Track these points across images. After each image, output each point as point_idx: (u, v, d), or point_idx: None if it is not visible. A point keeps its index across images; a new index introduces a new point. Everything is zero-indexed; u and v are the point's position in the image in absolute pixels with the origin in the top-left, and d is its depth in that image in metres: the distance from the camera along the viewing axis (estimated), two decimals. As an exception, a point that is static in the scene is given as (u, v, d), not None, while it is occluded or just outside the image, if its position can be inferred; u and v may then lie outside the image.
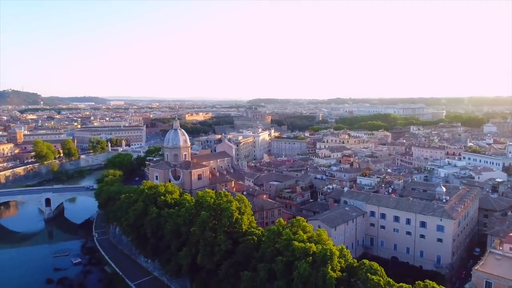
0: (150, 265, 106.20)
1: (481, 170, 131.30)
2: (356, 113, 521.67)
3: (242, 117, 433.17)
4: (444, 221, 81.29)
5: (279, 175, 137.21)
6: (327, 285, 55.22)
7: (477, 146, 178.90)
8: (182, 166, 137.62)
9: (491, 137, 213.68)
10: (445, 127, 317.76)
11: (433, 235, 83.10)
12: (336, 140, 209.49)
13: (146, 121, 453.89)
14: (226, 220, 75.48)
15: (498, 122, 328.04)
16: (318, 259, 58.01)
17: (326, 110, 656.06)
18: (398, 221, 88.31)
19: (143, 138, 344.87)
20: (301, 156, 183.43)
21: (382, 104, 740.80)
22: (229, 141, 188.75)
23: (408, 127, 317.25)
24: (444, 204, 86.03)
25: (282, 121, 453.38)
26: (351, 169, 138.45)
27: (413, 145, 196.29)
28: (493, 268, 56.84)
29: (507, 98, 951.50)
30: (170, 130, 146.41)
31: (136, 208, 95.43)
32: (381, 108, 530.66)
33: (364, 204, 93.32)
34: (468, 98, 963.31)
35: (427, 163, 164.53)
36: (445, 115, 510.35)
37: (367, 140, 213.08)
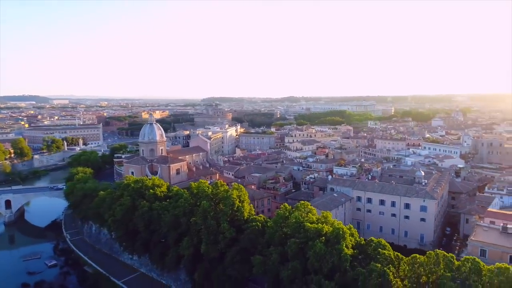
0: (136, 261, 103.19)
1: (443, 158, 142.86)
2: (313, 110, 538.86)
3: (203, 114, 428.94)
4: (426, 201, 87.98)
5: (258, 168, 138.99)
6: (342, 262, 58.02)
7: (433, 137, 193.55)
8: (159, 161, 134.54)
9: (442, 130, 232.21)
10: (398, 122, 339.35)
11: (417, 216, 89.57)
12: (304, 134, 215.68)
13: (100, 120, 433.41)
14: (228, 208, 75.79)
15: (443, 117, 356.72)
16: (331, 238, 60.59)
17: (282, 108, 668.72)
18: (383, 205, 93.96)
19: (101, 136, 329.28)
20: (273, 149, 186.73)
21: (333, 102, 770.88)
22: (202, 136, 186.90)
23: (365, 122, 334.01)
24: (424, 187, 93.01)
25: (242, 118, 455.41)
26: (326, 159, 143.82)
27: (375, 138, 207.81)
28: (484, 237, 63.18)
29: (445, 96, 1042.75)
30: (146, 125, 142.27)
31: (124, 203, 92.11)
32: (336, 105, 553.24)
33: (351, 190, 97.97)
34: (411, 96, 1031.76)
35: (389, 154, 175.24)
36: (393, 111, 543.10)
37: (332, 134, 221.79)
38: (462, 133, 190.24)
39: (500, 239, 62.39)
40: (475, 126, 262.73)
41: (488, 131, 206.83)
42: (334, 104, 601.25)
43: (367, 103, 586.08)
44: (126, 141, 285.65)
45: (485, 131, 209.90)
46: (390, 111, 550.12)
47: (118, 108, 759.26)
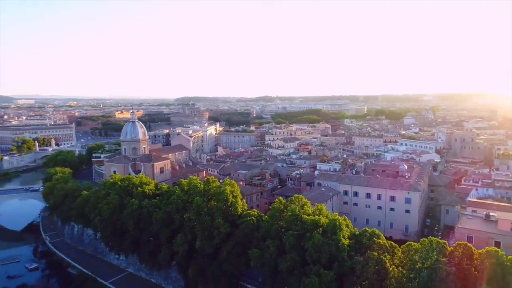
0: (123, 261, 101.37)
1: (420, 153, 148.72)
2: (289, 109, 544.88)
3: (179, 113, 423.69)
4: (411, 193, 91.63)
5: (243, 165, 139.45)
6: (340, 251, 59.71)
7: (408, 134, 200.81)
8: (142, 160, 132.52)
9: (415, 127, 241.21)
10: (372, 120, 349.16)
11: (402, 207, 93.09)
12: (284, 132, 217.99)
13: (72, 120, 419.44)
14: (221, 204, 75.94)
15: (414, 115, 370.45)
16: (328, 230, 62.13)
17: (257, 107, 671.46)
18: (369, 198, 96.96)
19: (74, 136, 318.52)
20: (255, 147, 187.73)
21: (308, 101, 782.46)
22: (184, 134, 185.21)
23: (341, 120, 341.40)
24: (408, 180, 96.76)
25: (218, 118, 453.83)
26: (309, 156, 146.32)
27: (354, 135, 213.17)
28: (470, 225, 66.78)
29: (413, 96, 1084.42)
30: (128, 123, 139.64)
31: (111, 201, 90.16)
32: (311, 105, 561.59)
33: (338, 184, 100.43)
34: (381, 96, 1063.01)
35: (367, 150, 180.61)
36: (366, 110, 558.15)
37: (312, 132, 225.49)
38: (436, 130, 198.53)
39: (484, 226, 66.13)
40: (445, 123, 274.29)
41: (459, 127, 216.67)
42: (309, 103, 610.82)
43: (341, 102, 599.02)
44: (100, 141, 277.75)
45: (456, 127, 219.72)
46: (363, 110, 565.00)
47: (89, 108, 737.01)
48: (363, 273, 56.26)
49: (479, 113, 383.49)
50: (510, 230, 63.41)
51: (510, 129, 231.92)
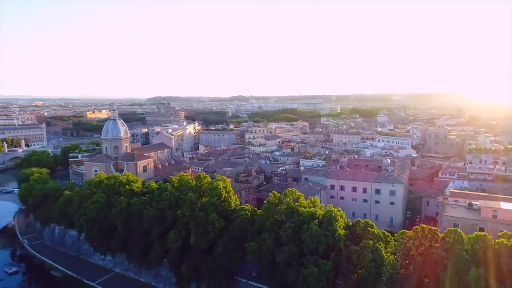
0: (109, 262, 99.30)
1: (398, 149, 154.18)
2: (264, 109, 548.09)
3: (154, 113, 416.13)
4: (395, 186, 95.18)
5: (226, 162, 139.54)
6: (336, 241, 61.55)
7: (384, 131, 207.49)
8: (125, 158, 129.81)
9: (390, 124, 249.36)
10: (347, 118, 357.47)
11: (387, 200, 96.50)
12: (264, 130, 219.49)
13: (41, 120, 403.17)
14: (215, 199, 76.08)
15: (386, 113, 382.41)
16: (324, 221, 63.74)
17: (233, 107, 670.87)
18: (355, 191, 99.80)
19: (44, 137, 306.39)
20: (237, 145, 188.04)
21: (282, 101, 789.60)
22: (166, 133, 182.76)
23: (317, 119, 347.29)
24: (392, 173, 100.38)
25: (194, 117, 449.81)
26: (292, 153, 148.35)
27: (332, 133, 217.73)
28: (455, 213, 70.41)
29: (383, 95, 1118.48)
30: (109, 121, 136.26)
31: (98, 200, 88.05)
32: (287, 104, 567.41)
33: (325, 179, 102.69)
34: (353, 95, 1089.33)
35: (345, 147, 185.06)
36: (340, 109, 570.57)
37: (291, 130, 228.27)
38: (410, 127, 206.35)
39: (468, 214, 69.96)
40: (417, 121, 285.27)
41: (431, 125, 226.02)
42: (284, 102, 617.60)
43: (316, 102, 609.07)
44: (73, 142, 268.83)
45: (428, 125, 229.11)
46: (337, 109, 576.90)
47: (57, 108, 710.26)
48: (360, 261, 58.24)
49: (446, 112, 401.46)
50: (492, 217, 67.39)
51: (477, 126, 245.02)
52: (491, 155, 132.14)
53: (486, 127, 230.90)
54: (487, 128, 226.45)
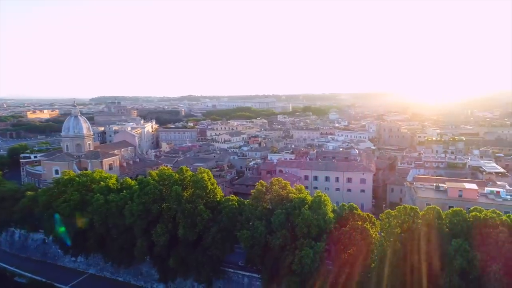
0: (82, 263, 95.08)
1: (357, 142, 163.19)
2: (218, 108, 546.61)
3: (104, 112, 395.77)
4: (365, 174, 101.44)
5: (196, 158, 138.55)
6: (327, 224, 64.88)
7: (342, 126, 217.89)
8: (89, 157, 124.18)
9: (344, 121, 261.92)
10: (301, 115, 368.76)
11: (357, 187, 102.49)
12: (225, 128, 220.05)
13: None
14: (201, 191, 76.15)
15: (337, 111, 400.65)
16: (314, 205, 66.78)
17: (185, 106, 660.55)
18: (328, 181, 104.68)
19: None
20: (201, 142, 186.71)
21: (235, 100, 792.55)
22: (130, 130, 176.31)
23: (272, 117, 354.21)
24: (361, 162, 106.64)
25: (146, 116, 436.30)
26: (260, 148, 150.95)
27: (292, 129, 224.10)
28: (426, 194, 77.18)
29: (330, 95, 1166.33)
30: (70, 118, 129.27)
31: (72, 198, 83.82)
32: (240, 103, 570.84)
33: (299, 170, 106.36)
34: (302, 95, 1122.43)
35: (306, 142, 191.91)
36: (291, 108, 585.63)
37: (252, 127, 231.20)
38: (365, 122, 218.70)
39: (437, 195, 77.06)
40: (367, 117, 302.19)
41: (381, 120, 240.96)
42: (237, 101, 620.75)
43: (269, 101, 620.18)
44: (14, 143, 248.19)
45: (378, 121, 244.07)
46: (288, 108, 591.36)
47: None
48: (350, 241, 62.02)
49: (391, 109, 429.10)
50: (458, 196, 74.93)
51: (421, 121, 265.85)
52: (442, 145, 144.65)
53: (429, 122, 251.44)
54: (430, 122, 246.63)
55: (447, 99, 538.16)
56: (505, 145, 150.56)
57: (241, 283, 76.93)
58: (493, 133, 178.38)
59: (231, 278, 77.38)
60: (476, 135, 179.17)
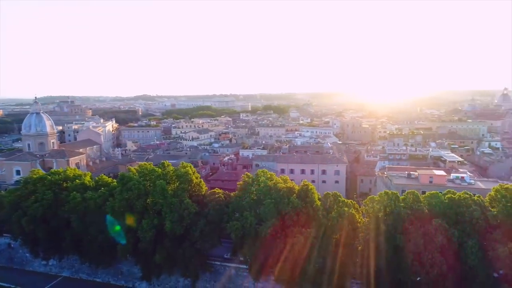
0: (54, 267, 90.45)
1: (323, 137, 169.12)
2: (178, 107, 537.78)
3: (56, 112, 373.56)
4: (339, 166, 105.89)
5: (167, 156, 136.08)
6: (315, 211, 67.37)
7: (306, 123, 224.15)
8: (53, 155, 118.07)
9: (307, 118, 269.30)
10: (263, 114, 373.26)
11: (332, 179, 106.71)
12: (191, 126, 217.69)
13: None
14: (186, 185, 75.74)
15: (297, 109, 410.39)
16: (302, 194, 69.07)
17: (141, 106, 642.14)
18: (304, 173, 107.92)
19: None
20: (169, 140, 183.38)
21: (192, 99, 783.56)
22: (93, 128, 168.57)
23: (234, 115, 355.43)
24: (334, 155, 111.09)
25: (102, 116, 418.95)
26: (231, 144, 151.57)
27: (258, 126, 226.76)
28: (401, 181, 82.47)
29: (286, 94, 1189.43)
30: (31, 115, 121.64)
31: (44, 198, 79.59)
32: (200, 102, 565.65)
33: (275, 164, 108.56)
34: (259, 94, 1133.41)
35: (272, 139, 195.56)
36: (251, 107, 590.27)
37: (218, 125, 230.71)
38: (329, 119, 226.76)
39: (410, 182, 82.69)
40: (327, 115, 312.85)
41: (343, 117, 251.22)
42: (197, 100, 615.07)
43: (228, 100, 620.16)
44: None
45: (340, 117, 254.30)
46: (247, 107, 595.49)
47: None
48: (338, 226, 64.99)
49: (347, 107, 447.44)
50: (429, 182, 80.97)
51: (377, 117, 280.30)
52: (402, 138, 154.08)
53: (384, 119, 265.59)
54: (386, 119, 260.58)
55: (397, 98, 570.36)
56: (456, 138, 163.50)
57: (228, 275, 77.37)
58: (444, 128, 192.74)
59: (218, 271, 77.57)
60: (430, 129, 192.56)
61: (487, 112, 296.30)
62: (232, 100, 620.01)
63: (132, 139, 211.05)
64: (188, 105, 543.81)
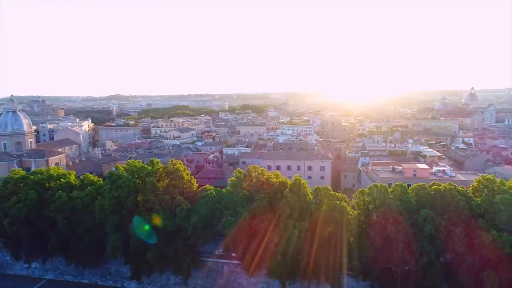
0: (37, 269, 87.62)
1: (305, 135, 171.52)
2: (154, 106, 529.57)
3: (26, 111, 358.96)
4: (324, 162, 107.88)
5: (150, 155, 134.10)
6: (308, 205, 68.68)
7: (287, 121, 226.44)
8: (31, 155, 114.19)
9: (286, 117, 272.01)
10: (242, 113, 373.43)
11: (318, 175, 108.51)
12: (171, 125, 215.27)
13: None
14: (178, 182, 75.31)
15: (275, 108, 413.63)
16: (294, 188, 70.17)
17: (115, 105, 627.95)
18: (290, 170, 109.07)
19: None
20: (150, 140, 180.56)
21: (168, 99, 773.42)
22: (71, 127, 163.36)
23: (214, 114, 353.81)
24: (319, 152, 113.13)
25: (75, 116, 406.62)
26: (214, 142, 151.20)
27: (238, 125, 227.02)
28: (386, 175, 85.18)
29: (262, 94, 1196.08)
30: (6, 113, 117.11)
31: (28, 197, 76.96)
32: (177, 101, 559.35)
33: (261, 160, 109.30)
34: (235, 94, 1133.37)
35: (253, 138, 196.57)
36: (228, 106, 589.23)
37: (198, 123, 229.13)
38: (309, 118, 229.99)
39: (395, 175, 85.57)
40: (305, 114, 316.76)
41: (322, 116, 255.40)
42: (174, 100, 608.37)
43: (205, 99, 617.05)
44: None
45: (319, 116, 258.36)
46: (224, 106, 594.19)
47: None
48: (331, 218, 66.54)
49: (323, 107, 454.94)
50: (413, 176, 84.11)
51: (354, 116, 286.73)
52: (381, 135, 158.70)
53: (361, 117, 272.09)
54: (363, 117, 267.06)
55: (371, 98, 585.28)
56: (431, 135, 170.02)
57: (221, 271, 77.45)
58: (419, 125, 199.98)
59: (210, 267, 77.48)
60: (406, 126, 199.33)
61: (457, 110, 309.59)
62: (209, 100, 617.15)
63: (111, 138, 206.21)
64: (164, 104, 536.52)
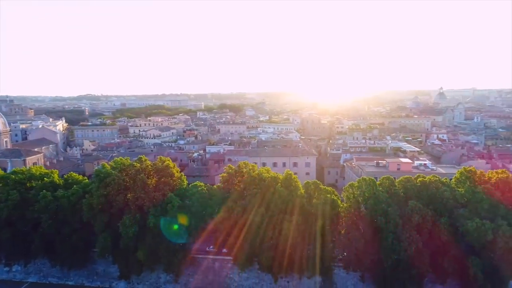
0: (18, 273, 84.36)
1: (286, 133, 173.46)
2: (129, 106, 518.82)
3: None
4: (309, 158, 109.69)
5: (132, 153, 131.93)
6: (299, 198, 69.85)
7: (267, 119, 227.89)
8: (7, 155, 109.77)
9: (265, 116, 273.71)
10: (219, 112, 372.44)
11: (303, 171, 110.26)
12: (149, 124, 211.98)
13: None
14: (168, 178, 74.64)
15: (252, 108, 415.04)
16: (286, 183, 71.14)
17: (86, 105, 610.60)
18: (276, 166, 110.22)
19: None
20: (129, 139, 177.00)
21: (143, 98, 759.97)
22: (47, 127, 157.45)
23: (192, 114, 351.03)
24: (303, 148, 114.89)
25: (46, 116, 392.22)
26: (197, 141, 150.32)
27: (219, 124, 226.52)
28: (373, 169, 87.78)
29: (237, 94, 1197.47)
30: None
31: (10, 198, 74.15)
32: (152, 101, 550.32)
33: (248, 158, 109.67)
34: (210, 94, 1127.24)
35: (233, 136, 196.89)
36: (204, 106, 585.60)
37: (178, 122, 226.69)
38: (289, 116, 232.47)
39: (379, 169, 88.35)
40: (282, 113, 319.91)
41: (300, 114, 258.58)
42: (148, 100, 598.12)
43: (181, 99, 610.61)
44: None
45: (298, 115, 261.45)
46: (200, 106, 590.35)
47: None
48: (322, 212, 68.00)
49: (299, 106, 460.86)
50: (396, 170, 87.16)
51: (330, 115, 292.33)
52: (360, 133, 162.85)
53: (338, 116, 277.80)
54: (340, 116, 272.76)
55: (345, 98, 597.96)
56: (407, 132, 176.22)
57: (212, 267, 77.36)
58: (395, 123, 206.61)
59: (201, 264, 77.21)
60: (383, 124, 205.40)
61: (428, 109, 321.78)
62: (185, 100, 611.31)
63: (87, 138, 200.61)
64: (139, 104, 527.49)
